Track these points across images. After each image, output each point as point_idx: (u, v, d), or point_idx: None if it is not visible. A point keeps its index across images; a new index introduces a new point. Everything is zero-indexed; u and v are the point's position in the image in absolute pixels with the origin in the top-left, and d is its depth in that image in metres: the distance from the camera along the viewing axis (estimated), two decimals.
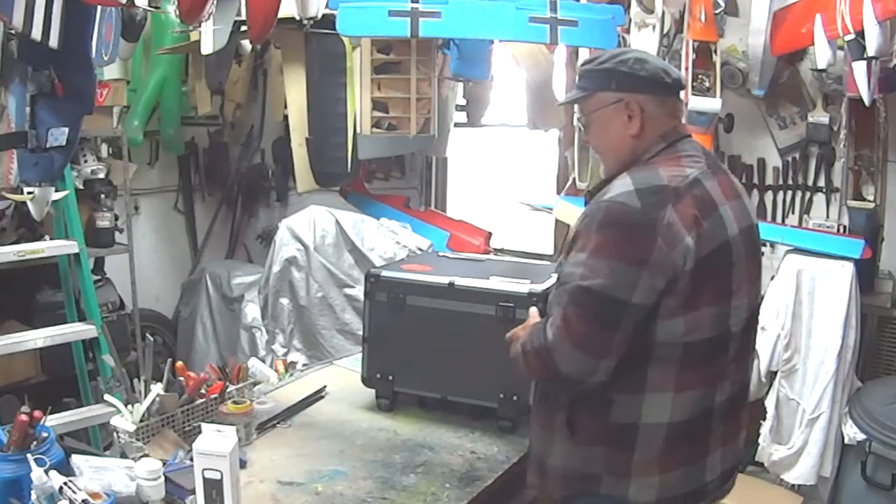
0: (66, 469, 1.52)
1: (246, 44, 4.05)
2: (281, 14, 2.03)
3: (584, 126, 1.71)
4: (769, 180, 3.58)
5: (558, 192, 4.03)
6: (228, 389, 1.97)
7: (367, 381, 2.15)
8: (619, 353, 1.44)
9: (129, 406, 1.80)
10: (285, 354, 3.58)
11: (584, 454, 1.55)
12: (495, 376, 1.97)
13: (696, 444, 1.56)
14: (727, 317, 1.52)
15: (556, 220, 4.09)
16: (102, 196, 3.58)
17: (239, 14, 2.05)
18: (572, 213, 3.43)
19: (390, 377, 2.10)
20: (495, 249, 4.21)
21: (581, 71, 1.67)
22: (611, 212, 1.45)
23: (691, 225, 1.44)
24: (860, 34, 2.54)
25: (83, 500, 1.39)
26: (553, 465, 1.61)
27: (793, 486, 3.02)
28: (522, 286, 1.97)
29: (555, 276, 1.61)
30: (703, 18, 3.04)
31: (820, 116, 3.34)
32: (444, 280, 2.04)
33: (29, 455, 1.45)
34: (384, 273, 2.12)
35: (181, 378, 1.92)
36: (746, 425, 1.73)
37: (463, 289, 2.01)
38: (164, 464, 1.58)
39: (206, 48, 2.61)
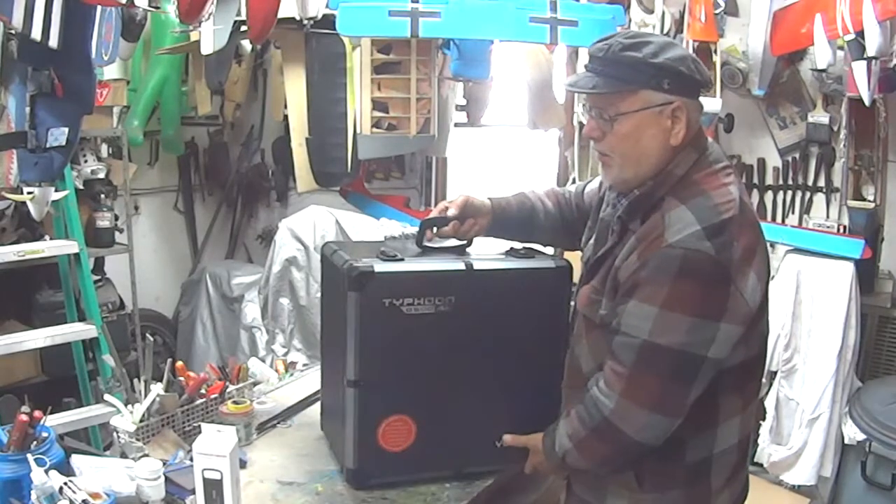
0: (66, 469, 1.52)
1: (246, 44, 4.05)
2: (281, 14, 2.03)
3: (602, 122, 1.39)
4: (769, 180, 3.58)
5: None
6: (228, 389, 1.97)
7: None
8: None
9: (129, 406, 1.79)
10: (285, 354, 3.58)
11: (658, 502, 1.46)
12: None
13: (747, 448, 1.54)
14: (768, 322, 1.47)
15: None
16: (102, 196, 3.58)
17: (239, 14, 2.06)
18: None
19: None
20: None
21: (616, 56, 1.34)
22: (686, 262, 1.28)
23: (752, 256, 1.33)
24: (860, 34, 2.54)
25: (83, 500, 1.38)
26: None
27: (792, 486, 3.01)
28: None
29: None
30: (703, 18, 3.03)
31: (820, 116, 3.34)
32: None
33: (29, 455, 1.45)
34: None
35: (181, 378, 1.92)
36: None
37: None
38: (164, 464, 1.58)
39: (206, 48, 2.61)
